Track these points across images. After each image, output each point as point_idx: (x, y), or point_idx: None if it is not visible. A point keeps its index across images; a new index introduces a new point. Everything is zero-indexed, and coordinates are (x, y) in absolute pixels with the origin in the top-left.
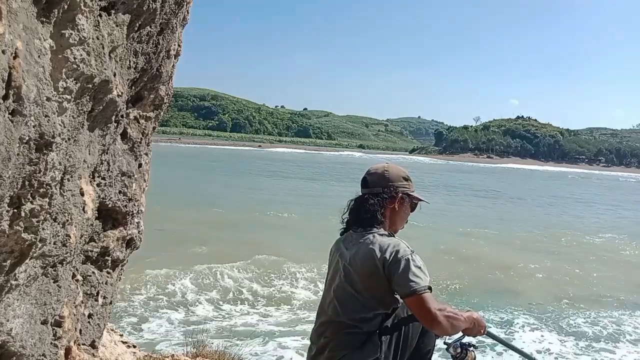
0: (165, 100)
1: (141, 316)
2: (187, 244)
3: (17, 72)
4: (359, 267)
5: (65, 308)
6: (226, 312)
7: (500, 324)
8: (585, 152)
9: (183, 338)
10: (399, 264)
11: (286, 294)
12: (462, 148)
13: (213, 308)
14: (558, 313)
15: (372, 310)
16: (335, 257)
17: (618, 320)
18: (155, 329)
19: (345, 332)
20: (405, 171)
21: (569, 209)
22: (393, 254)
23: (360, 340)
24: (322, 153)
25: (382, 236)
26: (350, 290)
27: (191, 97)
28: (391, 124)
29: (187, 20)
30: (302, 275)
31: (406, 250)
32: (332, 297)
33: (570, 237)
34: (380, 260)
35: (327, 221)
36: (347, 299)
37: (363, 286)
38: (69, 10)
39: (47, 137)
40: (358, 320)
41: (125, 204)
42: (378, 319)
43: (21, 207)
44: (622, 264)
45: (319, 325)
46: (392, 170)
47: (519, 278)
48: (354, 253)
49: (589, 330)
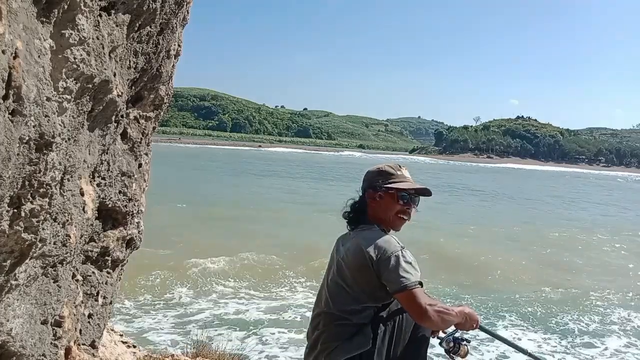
0: (165, 100)
1: (141, 316)
2: (187, 243)
3: (17, 72)
4: (350, 261)
5: (65, 308)
6: (226, 312)
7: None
8: (585, 152)
9: (183, 338)
10: (389, 260)
11: (286, 294)
12: (462, 148)
13: (213, 308)
14: (532, 308)
15: (362, 303)
16: (333, 253)
17: (603, 317)
18: (156, 329)
19: (336, 323)
20: (389, 166)
21: (562, 208)
22: (382, 250)
23: (351, 332)
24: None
25: (373, 231)
26: (341, 284)
27: (191, 97)
28: (391, 124)
29: (187, 20)
30: (302, 275)
31: (396, 246)
32: (325, 290)
33: (555, 234)
34: (368, 255)
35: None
36: (338, 292)
37: (353, 280)
38: (69, 10)
39: (47, 137)
40: (348, 312)
41: (125, 204)
42: (369, 312)
43: (21, 207)
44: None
45: (314, 318)
46: (376, 168)
47: (493, 272)
48: (347, 248)
49: (574, 327)
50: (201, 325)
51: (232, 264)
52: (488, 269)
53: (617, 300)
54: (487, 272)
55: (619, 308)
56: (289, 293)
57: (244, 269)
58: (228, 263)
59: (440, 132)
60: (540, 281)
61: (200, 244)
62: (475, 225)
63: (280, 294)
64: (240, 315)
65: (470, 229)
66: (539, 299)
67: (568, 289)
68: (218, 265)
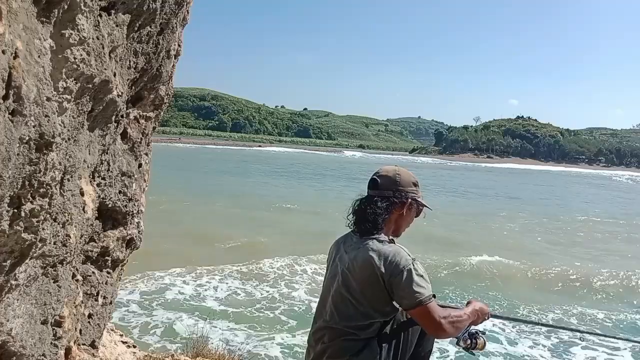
0: (165, 100)
1: (141, 316)
2: (186, 243)
3: (17, 72)
4: (358, 274)
5: (65, 308)
6: (226, 312)
7: None
8: (585, 152)
9: (183, 338)
10: (402, 276)
11: (286, 293)
12: (462, 148)
13: (213, 307)
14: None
15: (370, 319)
16: (335, 259)
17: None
18: (156, 329)
19: (342, 338)
20: (415, 177)
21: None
22: (394, 265)
23: (358, 347)
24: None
25: (383, 243)
26: (347, 297)
27: (191, 97)
28: (391, 124)
29: (187, 20)
30: (302, 275)
31: (407, 260)
32: (330, 302)
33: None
34: (380, 270)
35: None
36: (344, 306)
37: (362, 295)
38: (69, 10)
39: (47, 137)
40: (355, 328)
41: (125, 204)
42: (376, 326)
43: (21, 207)
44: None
45: (317, 330)
46: (403, 175)
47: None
48: (352, 258)
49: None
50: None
51: (232, 263)
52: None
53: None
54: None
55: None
56: (290, 291)
57: (245, 267)
58: (228, 263)
59: (440, 132)
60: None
61: (201, 244)
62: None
63: (281, 295)
64: (241, 315)
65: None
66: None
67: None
68: (218, 265)
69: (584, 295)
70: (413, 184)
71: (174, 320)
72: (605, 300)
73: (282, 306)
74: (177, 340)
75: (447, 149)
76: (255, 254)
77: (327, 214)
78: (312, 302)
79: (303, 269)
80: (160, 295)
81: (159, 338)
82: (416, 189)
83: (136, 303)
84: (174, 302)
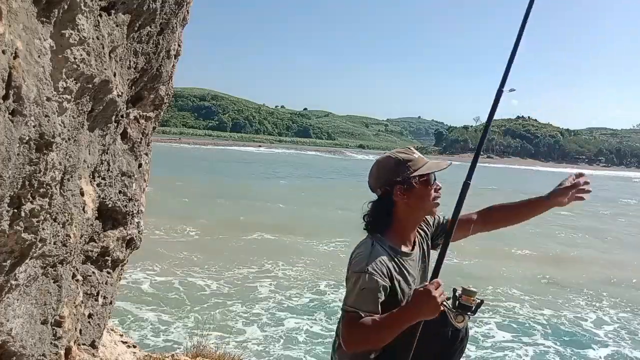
0: (165, 100)
1: (141, 315)
2: (186, 242)
3: (17, 72)
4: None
5: (65, 308)
6: (226, 312)
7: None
8: (585, 152)
9: (183, 338)
10: (351, 279)
11: (286, 292)
12: (462, 148)
13: (213, 307)
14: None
15: None
16: None
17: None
18: (156, 329)
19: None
20: (403, 152)
21: None
22: (350, 267)
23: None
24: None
25: (362, 244)
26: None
27: (191, 97)
28: (391, 124)
29: (187, 20)
30: (304, 275)
31: (362, 267)
32: None
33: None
34: (347, 272)
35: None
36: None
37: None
38: (69, 10)
39: (47, 137)
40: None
41: (125, 204)
42: None
43: (21, 207)
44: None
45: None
46: (381, 164)
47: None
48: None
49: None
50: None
51: (232, 263)
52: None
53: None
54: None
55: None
56: (290, 289)
57: (245, 267)
58: (228, 263)
59: (440, 132)
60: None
61: (200, 243)
62: None
63: (281, 294)
64: (241, 315)
65: None
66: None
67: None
68: (217, 264)
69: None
70: (395, 164)
71: (175, 320)
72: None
73: (282, 305)
74: (177, 340)
75: (447, 149)
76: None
77: None
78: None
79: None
80: (161, 295)
81: (160, 338)
82: (401, 167)
83: (136, 302)
84: (175, 301)
